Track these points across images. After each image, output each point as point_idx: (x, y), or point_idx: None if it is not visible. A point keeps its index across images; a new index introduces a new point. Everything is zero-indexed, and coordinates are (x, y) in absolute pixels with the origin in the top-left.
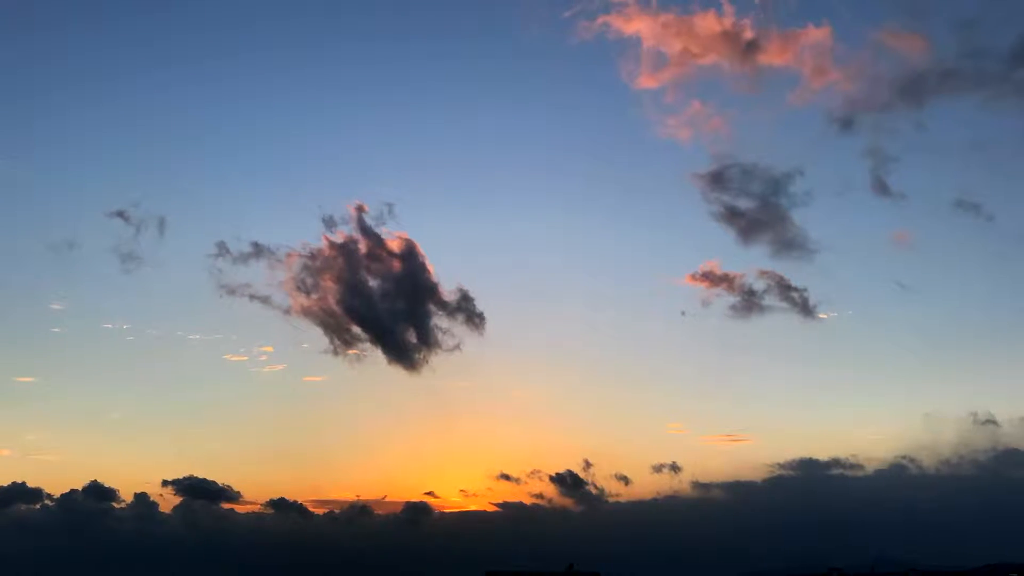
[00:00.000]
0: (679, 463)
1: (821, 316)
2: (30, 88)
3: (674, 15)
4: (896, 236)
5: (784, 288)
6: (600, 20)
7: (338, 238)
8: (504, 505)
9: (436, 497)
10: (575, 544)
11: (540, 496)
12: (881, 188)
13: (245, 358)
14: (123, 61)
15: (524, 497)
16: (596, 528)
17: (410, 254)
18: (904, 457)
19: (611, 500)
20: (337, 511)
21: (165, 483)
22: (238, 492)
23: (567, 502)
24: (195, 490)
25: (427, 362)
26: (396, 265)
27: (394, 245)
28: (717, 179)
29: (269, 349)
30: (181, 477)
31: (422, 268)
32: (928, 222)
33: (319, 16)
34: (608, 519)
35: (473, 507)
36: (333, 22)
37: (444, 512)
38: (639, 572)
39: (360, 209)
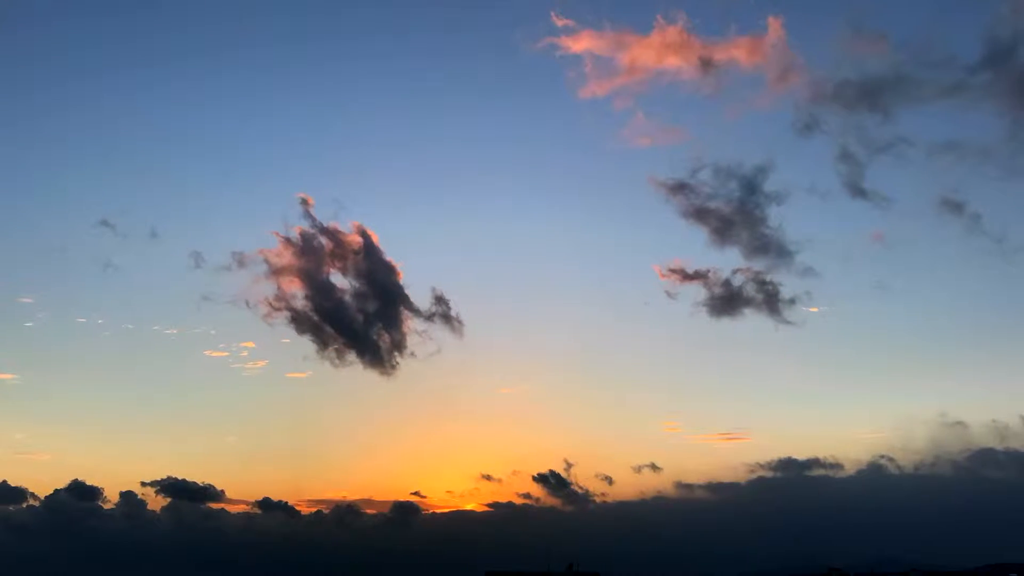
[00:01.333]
0: (659, 463)
1: (797, 317)
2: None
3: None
4: (873, 236)
5: (762, 288)
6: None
7: (306, 241)
8: (495, 505)
9: (423, 497)
10: (567, 544)
11: (528, 496)
12: (855, 189)
13: (226, 354)
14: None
15: (509, 497)
16: (588, 528)
17: (382, 260)
18: (883, 456)
19: (600, 500)
20: (326, 511)
21: (146, 484)
22: (221, 491)
23: (554, 501)
24: (179, 490)
25: (400, 365)
26: (368, 269)
27: (356, 245)
28: (686, 182)
29: (250, 345)
30: (163, 477)
31: (390, 270)
32: (903, 223)
33: (289, 18)
34: (598, 519)
35: (461, 507)
36: (301, 24)
37: (432, 512)
38: (635, 572)
39: (331, 216)
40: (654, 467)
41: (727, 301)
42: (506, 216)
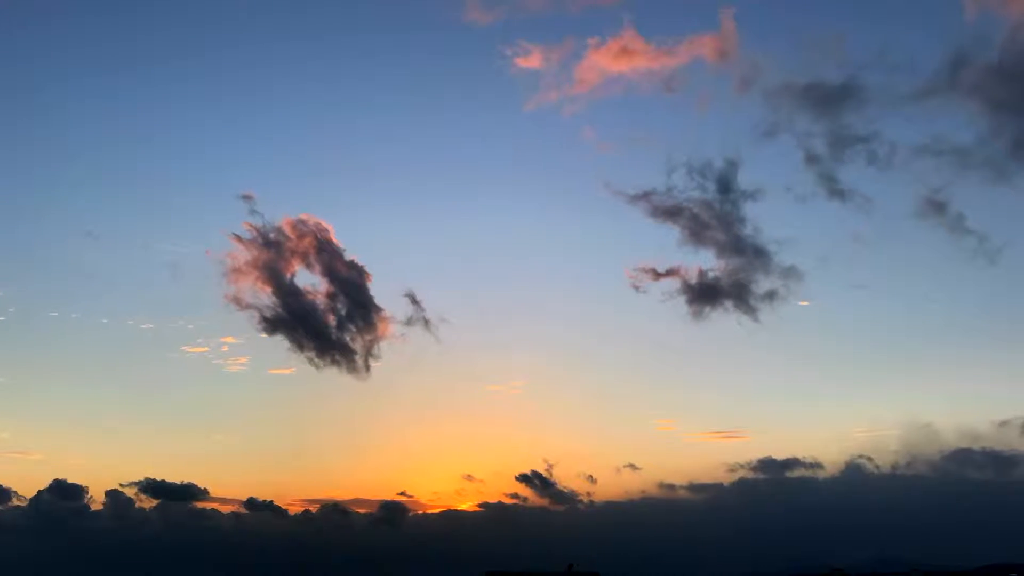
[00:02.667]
0: (641, 463)
1: (775, 317)
2: None
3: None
4: (851, 236)
5: (739, 288)
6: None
7: (270, 242)
8: (484, 505)
9: (409, 496)
10: (558, 544)
11: (516, 496)
12: (832, 190)
13: (205, 349)
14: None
15: (497, 497)
16: (579, 528)
17: (351, 263)
18: (861, 456)
19: (588, 500)
20: (314, 510)
21: (130, 483)
22: (204, 489)
23: (542, 501)
24: (163, 490)
25: (373, 368)
26: (334, 270)
27: (322, 247)
28: (654, 183)
29: (231, 340)
30: (145, 477)
31: (360, 273)
32: (881, 224)
33: (249, 23)
34: (588, 519)
35: (451, 507)
36: (259, 28)
37: (423, 513)
38: (633, 572)
39: (296, 218)
40: (633, 467)
41: (705, 301)
42: (476, 217)
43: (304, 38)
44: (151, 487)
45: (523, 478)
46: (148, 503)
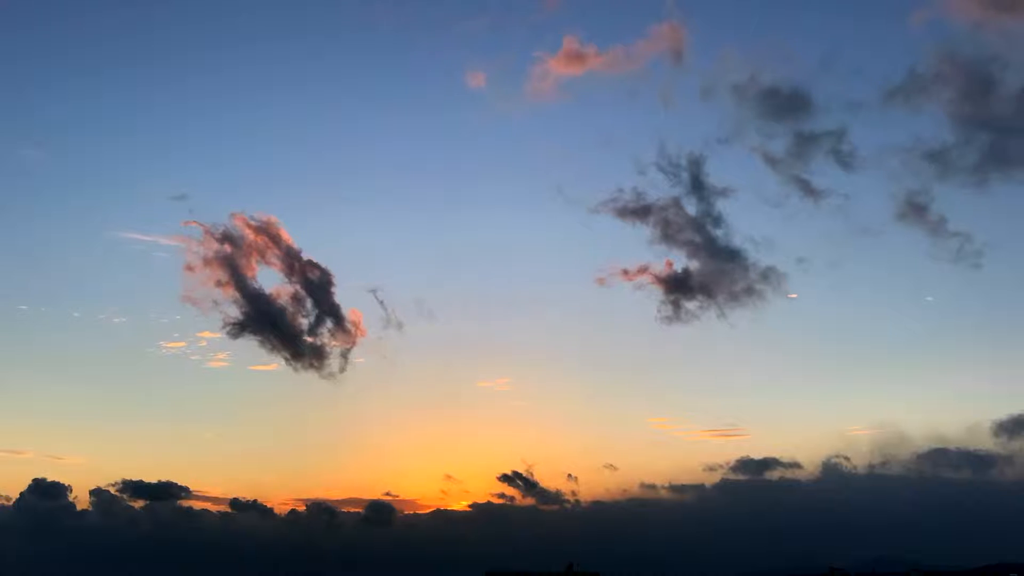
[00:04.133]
0: (619, 463)
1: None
2: None
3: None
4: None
5: (715, 288)
6: None
7: (233, 243)
8: (474, 505)
9: (394, 496)
10: (553, 544)
11: (503, 495)
12: (805, 191)
13: (183, 344)
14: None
15: (482, 497)
16: (570, 527)
17: (317, 266)
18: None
19: (576, 500)
20: (300, 509)
21: (112, 483)
22: (185, 487)
23: (529, 500)
24: (143, 489)
25: (351, 369)
26: (309, 276)
27: (284, 248)
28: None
29: (208, 335)
30: (129, 477)
31: (326, 276)
32: (855, 225)
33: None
34: (578, 518)
35: (438, 507)
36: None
37: (413, 513)
38: (631, 572)
39: (256, 218)
40: (612, 467)
41: (683, 300)
42: (447, 221)
43: (263, 40)
44: (131, 486)
45: (505, 478)
46: (131, 502)
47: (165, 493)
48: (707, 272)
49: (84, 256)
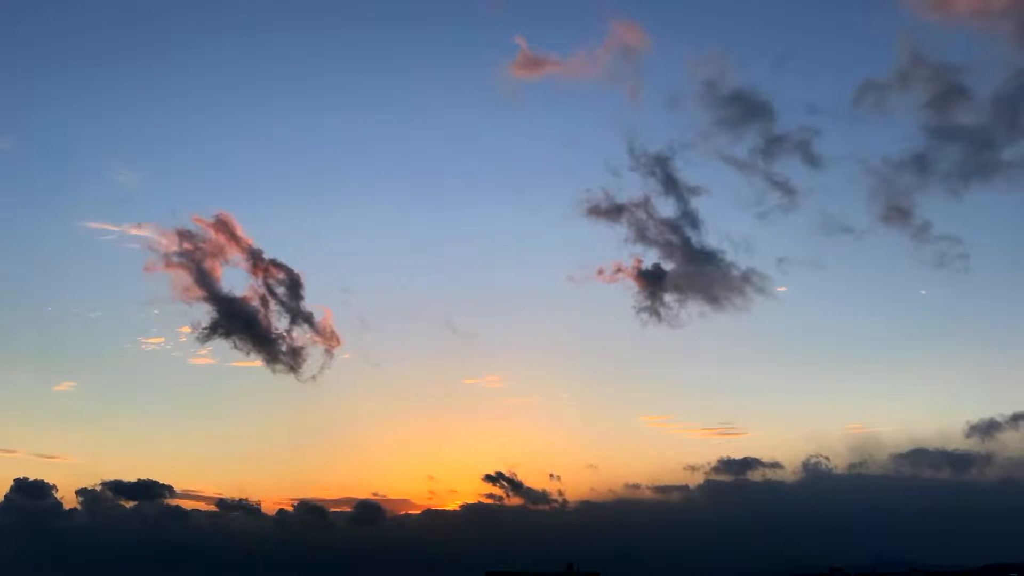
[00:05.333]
0: (599, 463)
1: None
2: None
3: None
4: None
5: (697, 288)
6: None
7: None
8: (464, 506)
9: (381, 496)
10: (545, 544)
11: (492, 496)
12: (783, 191)
13: (162, 339)
14: None
15: (469, 497)
16: (561, 527)
17: (287, 268)
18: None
19: (566, 499)
20: (288, 509)
21: (99, 483)
22: (169, 485)
23: (518, 500)
24: (128, 488)
25: (327, 372)
26: (283, 276)
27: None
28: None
29: (187, 330)
30: (103, 480)
31: (295, 279)
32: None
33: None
34: (569, 519)
35: (428, 507)
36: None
37: (400, 513)
38: (628, 572)
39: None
40: (593, 467)
41: (664, 299)
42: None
43: (231, 35)
44: (115, 486)
45: (489, 478)
46: (116, 502)
47: (150, 492)
48: (687, 272)
49: (53, 247)
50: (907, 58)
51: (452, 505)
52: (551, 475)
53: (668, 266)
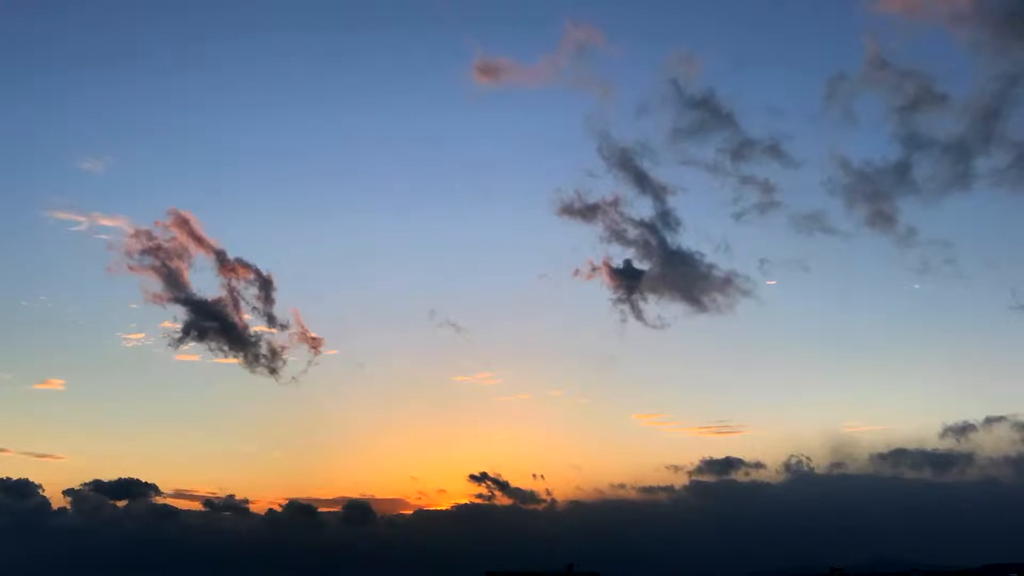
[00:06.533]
0: (583, 463)
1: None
2: None
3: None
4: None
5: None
6: None
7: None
8: (457, 506)
9: (370, 496)
10: (540, 544)
11: (481, 496)
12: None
13: (142, 335)
14: None
15: (459, 497)
16: (552, 527)
17: (257, 271)
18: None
19: (554, 499)
20: (278, 509)
21: (83, 483)
22: (153, 484)
23: (508, 500)
24: (114, 488)
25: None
26: (257, 278)
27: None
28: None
29: (168, 325)
30: (94, 479)
31: (266, 281)
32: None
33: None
34: (559, 519)
35: (411, 508)
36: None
37: (390, 513)
38: (627, 572)
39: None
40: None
41: (643, 299)
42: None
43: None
44: (101, 485)
45: (474, 478)
46: (102, 501)
47: (137, 491)
48: (664, 273)
49: (20, 239)
50: (874, 58)
51: (443, 505)
52: (534, 475)
53: (644, 266)
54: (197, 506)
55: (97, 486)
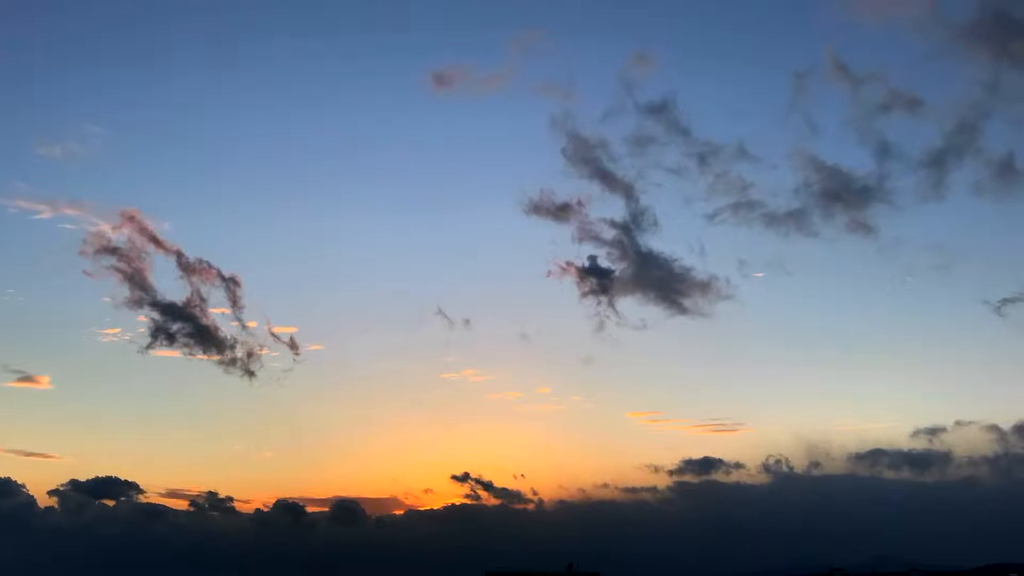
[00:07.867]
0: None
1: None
2: None
3: None
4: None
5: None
6: None
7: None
8: (449, 507)
9: (362, 496)
10: (536, 544)
11: (471, 496)
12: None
13: (118, 330)
14: None
15: (448, 497)
16: (543, 527)
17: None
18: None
19: (541, 499)
20: (265, 509)
21: (67, 482)
22: (134, 482)
23: (496, 501)
24: (97, 487)
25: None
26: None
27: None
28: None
29: (145, 319)
30: (72, 479)
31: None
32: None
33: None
34: (548, 519)
35: (401, 508)
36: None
37: (385, 513)
38: (625, 572)
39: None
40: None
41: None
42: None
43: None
44: (81, 484)
45: (455, 478)
46: (89, 500)
47: (121, 491)
48: (645, 273)
49: None
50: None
51: (433, 505)
52: (515, 475)
53: (628, 268)
54: (185, 505)
55: (77, 485)
